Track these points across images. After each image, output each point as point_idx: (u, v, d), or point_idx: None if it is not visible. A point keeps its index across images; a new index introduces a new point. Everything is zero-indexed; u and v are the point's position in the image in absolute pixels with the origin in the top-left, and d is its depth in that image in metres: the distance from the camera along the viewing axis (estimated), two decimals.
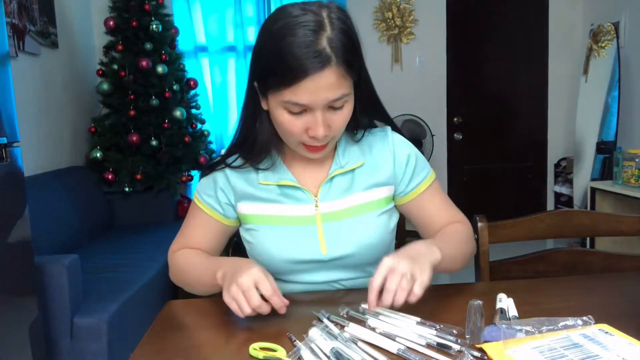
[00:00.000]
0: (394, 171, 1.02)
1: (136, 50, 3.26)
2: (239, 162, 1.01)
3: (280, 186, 1.00)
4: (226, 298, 0.81)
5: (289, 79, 0.84)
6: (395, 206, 1.06)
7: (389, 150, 1.03)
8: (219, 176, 1.03)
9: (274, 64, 0.85)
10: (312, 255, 0.98)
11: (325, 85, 0.84)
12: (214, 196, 1.03)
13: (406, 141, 1.06)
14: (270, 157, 1.00)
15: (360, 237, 0.98)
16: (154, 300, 2.38)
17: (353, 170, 1.01)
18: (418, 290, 0.77)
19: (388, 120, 1.07)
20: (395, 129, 1.07)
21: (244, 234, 1.05)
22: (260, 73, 0.90)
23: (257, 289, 0.80)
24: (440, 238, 0.98)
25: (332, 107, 0.88)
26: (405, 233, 2.72)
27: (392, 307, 0.78)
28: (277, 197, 1.00)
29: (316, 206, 0.99)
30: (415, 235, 1.08)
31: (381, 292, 0.77)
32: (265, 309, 0.80)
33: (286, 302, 0.82)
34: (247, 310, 0.79)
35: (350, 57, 0.86)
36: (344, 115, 0.91)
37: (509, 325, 0.73)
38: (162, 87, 3.28)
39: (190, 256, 1.02)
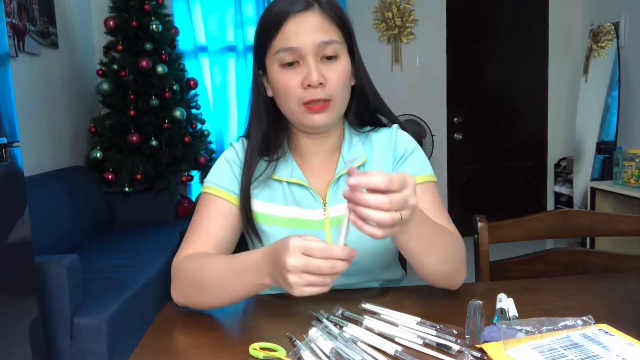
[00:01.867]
0: (392, 168, 1.01)
1: (136, 50, 3.26)
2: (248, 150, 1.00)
3: (290, 184, 0.99)
4: (296, 292, 0.70)
5: (276, 24, 0.90)
6: None
7: (391, 146, 1.02)
8: (232, 161, 1.01)
9: (264, 22, 0.93)
10: None
11: (311, 27, 0.89)
12: (232, 177, 0.99)
13: (410, 137, 1.05)
14: (282, 148, 1.00)
15: (367, 244, 0.94)
16: (154, 300, 2.38)
17: (358, 168, 1.00)
18: (382, 233, 0.68)
19: (391, 116, 1.06)
20: (401, 127, 1.06)
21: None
22: (255, 41, 0.96)
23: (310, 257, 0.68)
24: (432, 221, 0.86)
25: (324, 57, 0.91)
26: None
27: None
28: (287, 198, 0.99)
29: (324, 210, 0.98)
30: None
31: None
32: (340, 266, 0.68)
33: (349, 250, 0.68)
34: (327, 281, 0.69)
35: (337, 12, 0.92)
36: (339, 69, 0.92)
37: (509, 325, 0.73)
38: (162, 87, 3.28)
39: (205, 259, 0.88)
